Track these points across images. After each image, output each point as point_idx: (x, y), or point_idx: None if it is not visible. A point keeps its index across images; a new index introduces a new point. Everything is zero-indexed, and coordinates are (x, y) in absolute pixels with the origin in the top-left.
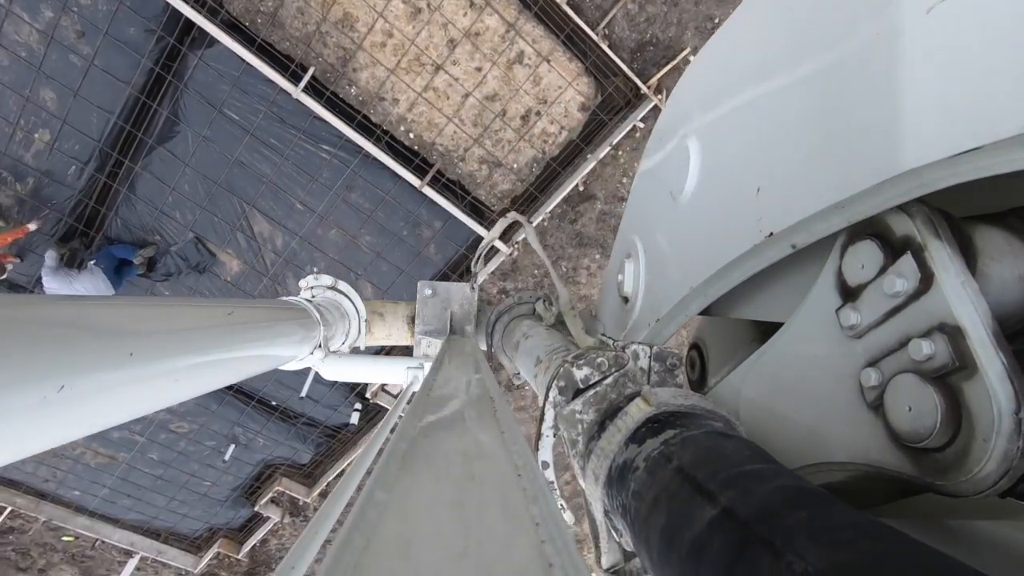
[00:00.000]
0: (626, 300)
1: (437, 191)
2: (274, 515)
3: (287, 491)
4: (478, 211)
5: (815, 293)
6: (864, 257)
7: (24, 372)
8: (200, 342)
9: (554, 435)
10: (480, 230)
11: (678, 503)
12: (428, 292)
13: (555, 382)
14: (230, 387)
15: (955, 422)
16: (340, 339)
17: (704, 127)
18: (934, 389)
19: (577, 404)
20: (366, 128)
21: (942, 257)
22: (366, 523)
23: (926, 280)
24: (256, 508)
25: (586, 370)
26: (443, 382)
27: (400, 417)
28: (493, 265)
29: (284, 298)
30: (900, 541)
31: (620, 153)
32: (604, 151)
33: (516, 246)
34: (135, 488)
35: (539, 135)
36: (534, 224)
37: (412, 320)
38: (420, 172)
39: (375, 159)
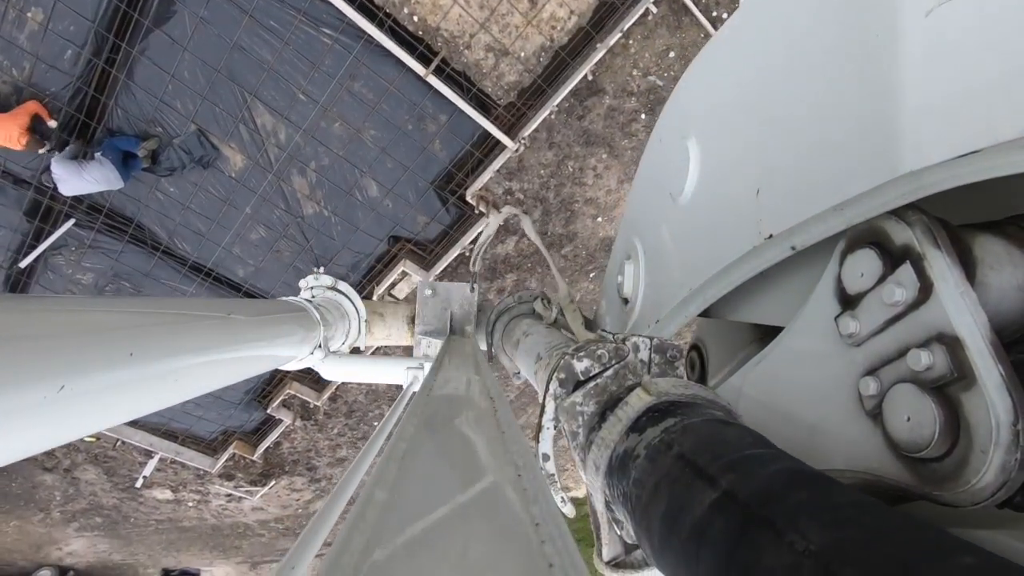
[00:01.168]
0: (626, 301)
1: (442, 81)
2: (286, 418)
3: (298, 394)
4: (484, 105)
5: (814, 300)
6: (863, 265)
7: (24, 372)
8: (200, 342)
9: (555, 427)
10: (486, 124)
11: (679, 488)
12: (428, 292)
13: (556, 374)
14: (238, 288)
15: (953, 433)
16: (340, 339)
17: (704, 128)
18: (932, 400)
19: (578, 396)
20: (368, 11)
21: (941, 267)
22: (366, 523)
23: (925, 290)
24: (268, 411)
25: (586, 362)
26: (443, 382)
27: (400, 417)
28: (499, 163)
29: (284, 298)
30: (901, 519)
31: (631, 42)
32: (614, 38)
33: (523, 142)
34: None
35: (547, 20)
36: (541, 118)
37: (412, 320)
38: (424, 61)
39: (378, 45)
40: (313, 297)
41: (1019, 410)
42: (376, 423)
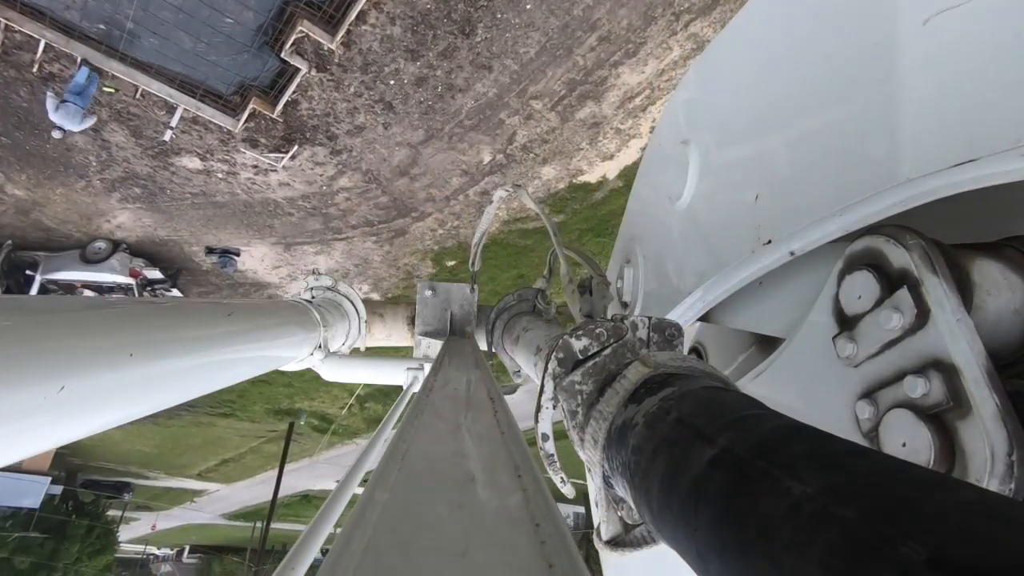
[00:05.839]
0: (625, 305)
1: None
2: (301, 66)
3: (310, 34)
4: None
5: (813, 318)
6: (861, 287)
7: (24, 372)
8: (200, 342)
9: (553, 407)
10: None
11: (678, 449)
12: (428, 293)
13: (554, 353)
14: None
15: (948, 461)
16: (340, 340)
17: (703, 133)
18: (928, 427)
19: (576, 375)
20: None
21: (938, 293)
22: (366, 523)
23: (922, 316)
24: (282, 55)
25: (585, 340)
26: (443, 383)
27: (400, 418)
28: None
29: (284, 298)
30: (900, 463)
31: None
32: None
33: None
34: (158, 23)
35: None
36: None
37: (412, 321)
38: None
39: None
40: (313, 298)
41: (1014, 441)
42: (392, 80)
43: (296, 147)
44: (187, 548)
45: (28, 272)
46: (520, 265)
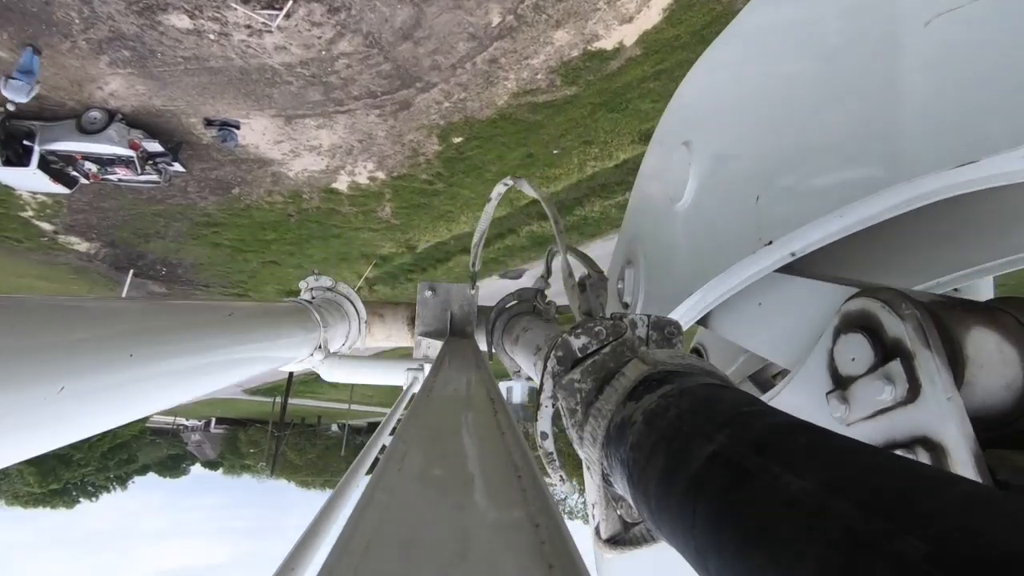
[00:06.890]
0: (626, 306)
1: None
2: None
3: None
4: None
5: (808, 369)
6: (855, 350)
7: (24, 372)
8: (200, 343)
9: (552, 406)
10: None
11: (677, 446)
12: (428, 293)
13: (553, 352)
14: None
15: None
16: (340, 340)
17: (704, 133)
18: None
19: (575, 373)
20: None
21: (930, 368)
22: (366, 523)
23: (914, 391)
24: None
25: (584, 339)
26: (443, 383)
27: (400, 418)
28: None
29: (285, 299)
30: (898, 459)
31: None
32: None
33: None
34: None
35: None
36: None
37: (412, 321)
38: None
39: None
40: (313, 298)
41: None
42: None
43: (291, 2)
44: (213, 420)
45: (26, 143)
46: (529, 143)
